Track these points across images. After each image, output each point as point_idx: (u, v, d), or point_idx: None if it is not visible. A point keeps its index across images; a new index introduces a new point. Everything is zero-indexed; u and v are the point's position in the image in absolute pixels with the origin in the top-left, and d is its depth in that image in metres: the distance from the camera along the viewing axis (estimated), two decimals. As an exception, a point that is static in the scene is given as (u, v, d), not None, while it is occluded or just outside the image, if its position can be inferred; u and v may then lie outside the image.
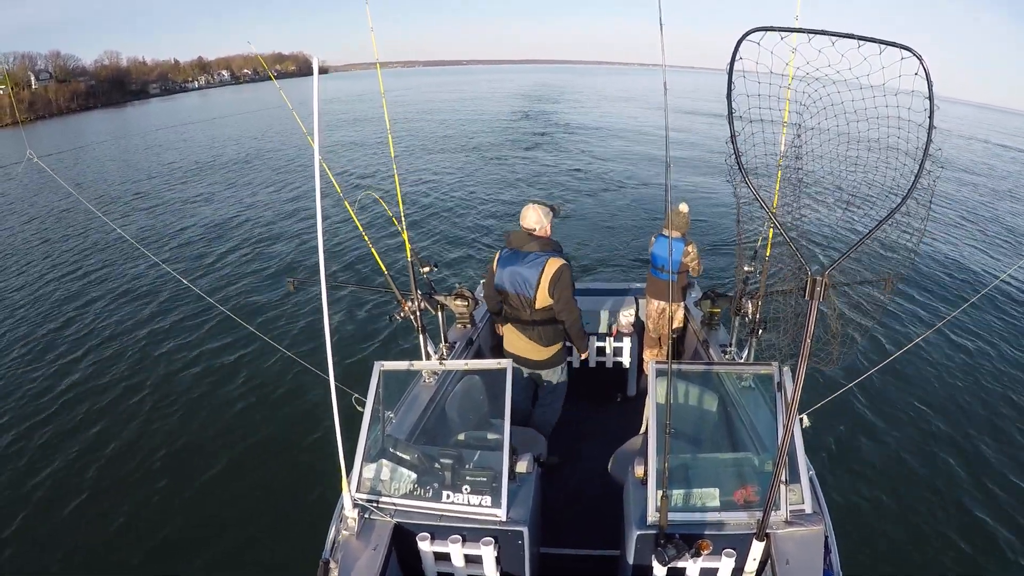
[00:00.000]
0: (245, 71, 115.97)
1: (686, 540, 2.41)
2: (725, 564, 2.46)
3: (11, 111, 51.98)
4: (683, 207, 4.87)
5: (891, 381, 6.89)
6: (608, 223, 13.40)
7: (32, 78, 73.80)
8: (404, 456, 2.81)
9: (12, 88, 66.92)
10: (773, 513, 2.40)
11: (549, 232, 3.71)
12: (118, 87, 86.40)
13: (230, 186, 18.22)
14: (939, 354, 7.68)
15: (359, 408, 2.83)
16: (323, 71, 2.03)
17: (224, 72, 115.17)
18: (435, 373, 3.41)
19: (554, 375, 3.98)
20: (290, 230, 13.14)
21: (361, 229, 3.76)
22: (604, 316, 5.15)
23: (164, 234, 13.32)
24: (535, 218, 3.64)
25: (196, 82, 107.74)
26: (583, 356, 4.04)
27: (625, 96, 56.46)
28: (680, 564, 2.42)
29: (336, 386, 2.31)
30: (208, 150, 26.89)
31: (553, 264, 3.56)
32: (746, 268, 3.59)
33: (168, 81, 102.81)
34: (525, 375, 3.93)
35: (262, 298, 9.43)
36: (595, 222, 13.48)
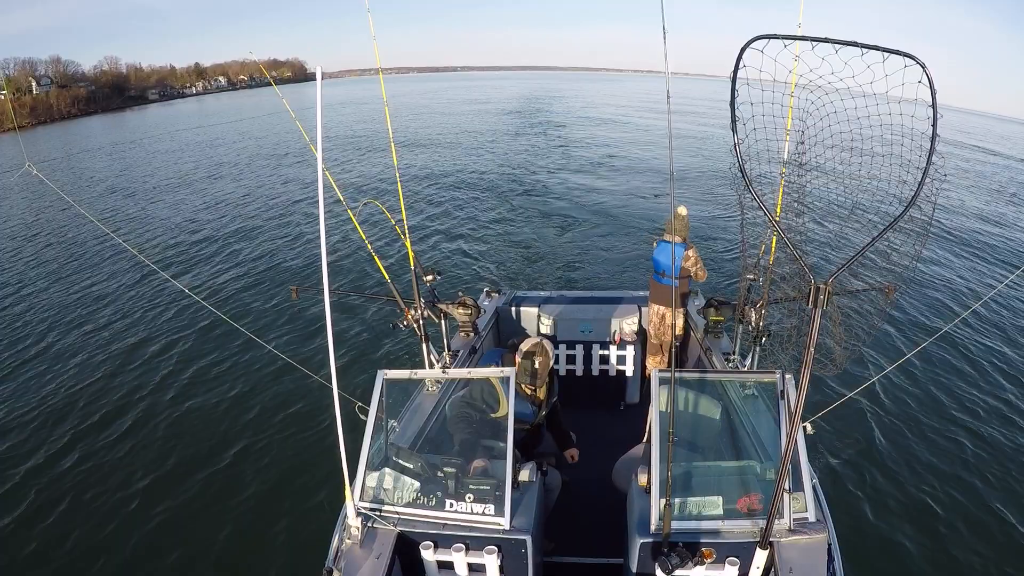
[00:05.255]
0: (242, 77, 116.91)
1: (689, 548, 2.40)
2: (728, 572, 2.44)
3: (11, 117, 52.32)
4: (682, 210, 4.86)
5: (895, 388, 6.87)
6: (611, 231, 13.40)
7: (33, 84, 74.26)
8: (407, 464, 2.80)
9: (13, 94, 67.38)
10: (776, 521, 2.39)
11: None
12: (117, 92, 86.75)
13: (229, 194, 18.20)
14: (944, 360, 7.65)
15: (362, 417, 2.82)
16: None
17: (221, 78, 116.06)
18: (438, 381, 3.41)
19: None
20: (291, 238, 13.14)
21: (364, 237, 3.77)
22: (607, 324, 5.15)
23: (164, 242, 13.33)
24: None
25: (194, 88, 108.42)
26: None
27: (626, 102, 56.64)
28: (683, 572, 2.41)
29: (339, 394, 2.31)
30: (206, 157, 26.93)
31: None
32: (749, 276, 3.59)
33: (166, 87, 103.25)
34: None
35: (264, 306, 9.41)
36: (598, 231, 13.46)
